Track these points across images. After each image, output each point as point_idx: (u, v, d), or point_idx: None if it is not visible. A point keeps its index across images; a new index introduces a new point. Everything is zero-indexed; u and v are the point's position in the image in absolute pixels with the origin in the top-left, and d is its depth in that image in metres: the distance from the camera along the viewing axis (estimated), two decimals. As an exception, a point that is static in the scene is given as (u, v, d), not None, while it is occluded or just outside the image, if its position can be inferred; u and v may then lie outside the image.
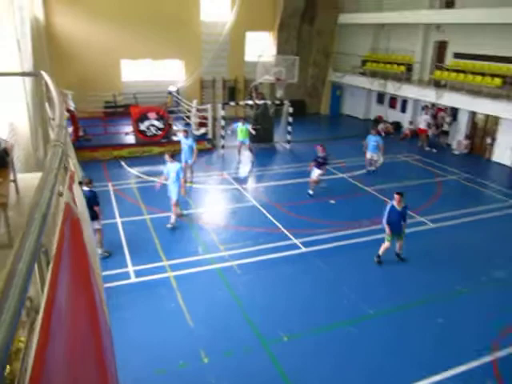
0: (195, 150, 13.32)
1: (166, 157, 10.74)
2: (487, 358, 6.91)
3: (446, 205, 13.09)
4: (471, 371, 6.65)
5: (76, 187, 2.01)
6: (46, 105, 4.46)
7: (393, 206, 9.31)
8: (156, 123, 17.23)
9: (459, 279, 9.19)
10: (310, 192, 13.33)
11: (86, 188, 8.73)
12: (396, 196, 9.32)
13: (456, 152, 19.37)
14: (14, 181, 3.82)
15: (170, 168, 10.67)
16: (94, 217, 8.81)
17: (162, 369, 6.48)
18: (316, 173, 13.00)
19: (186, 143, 13.40)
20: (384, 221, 9.37)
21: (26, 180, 4.12)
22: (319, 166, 12.94)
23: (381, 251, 9.58)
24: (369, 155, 15.52)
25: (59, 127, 2.02)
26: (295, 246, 10.27)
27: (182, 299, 8.17)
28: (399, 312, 8.07)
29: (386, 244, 9.52)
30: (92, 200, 8.74)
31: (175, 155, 11.04)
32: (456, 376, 6.54)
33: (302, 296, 8.46)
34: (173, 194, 10.80)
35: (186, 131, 13.98)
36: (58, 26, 20.69)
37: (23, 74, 7.35)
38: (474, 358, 6.89)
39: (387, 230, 9.37)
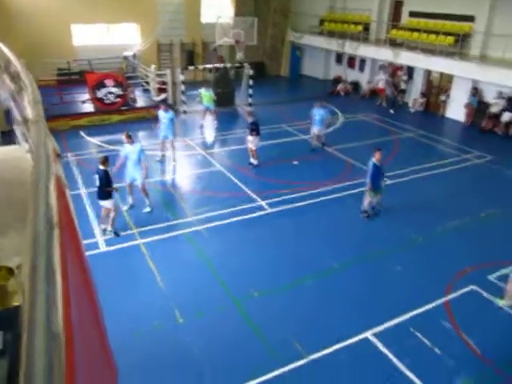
0: (176, 123, 12.72)
1: (124, 137, 9.91)
2: (441, 300, 7.56)
3: (403, 161, 13.66)
4: (427, 313, 7.28)
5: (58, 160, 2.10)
6: (5, 77, 4.37)
7: (374, 164, 9.72)
8: (114, 90, 16.79)
9: (416, 230, 9.80)
10: (252, 161, 12.88)
11: (101, 167, 8.71)
12: (376, 152, 9.74)
13: (412, 110, 19.97)
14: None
15: (129, 150, 9.80)
16: (106, 196, 8.89)
17: (137, 330, 6.71)
18: (250, 142, 12.58)
19: (165, 117, 12.61)
20: (368, 177, 9.81)
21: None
22: (251, 133, 12.46)
23: (365, 206, 10.16)
24: (315, 130, 14.17)
25: (35, 102, 2.10)
26: (261, 207, 10.57)
27: (153, 265, 8.35)
28: (361, 263, 8.59)
29: (369, 199, 10.08)
30: (104, 179, 8.73)
31: (132, 135, 10.18)
32: (413, 318, 7.14)
33: (270, 254, 8.83)
34: (137, 178, 9.91)
35: (165, 104, 13.45)
36: (1, -11, 19.42)
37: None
38: (430, 301, 7.52)
39: (369, 185, 9.85)
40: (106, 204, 9.04)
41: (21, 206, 3.26)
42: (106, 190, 8.84)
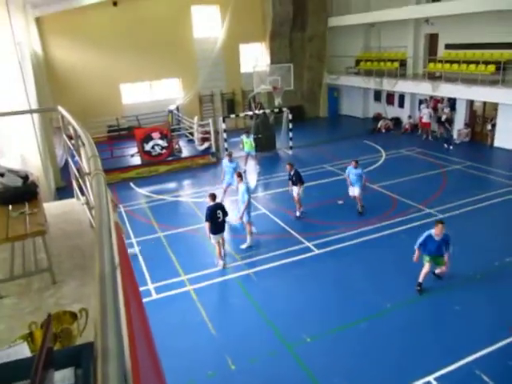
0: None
1: (235, 177, 11.07)
2: (507, 340, 7.06)
3: (452, 195, 13.25)
4: (492, 354, 6.80)
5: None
6: (64, 137, 4.74)
7: (430, 235, 8.13)
8: (160, 142, 17.58)
9: (473, 266, 9.33)
10: (298, 214, 12.47)
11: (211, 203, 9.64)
12: (438, 225, 8.06)
13: (457, 141, 19.54)
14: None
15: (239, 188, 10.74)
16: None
17: (191, 379, 6.68)
18: (294, 191, 12.35)
19: (229, 166, 13.38)
20: (416, 245, 8.33)
21: (51, 209, 4.40)
22: (294, 183, 12.29)
23: (421, 278, 8.48)
24: (351, 191, 12.37)
25: (94, 156, 2.28)
26: (308, 249, 10.48)
27: (203, 310, 8.39)
28: (415, 303, 8.23)
29: (426, 268, 8.41)
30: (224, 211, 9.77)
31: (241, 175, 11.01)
32: (478, 359, 6.69)
33: (319, 297, 8.65)
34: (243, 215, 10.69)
35: (230, 155, 14.01)
36: (56, 57, 21.26)
37: (42, 110, 7.67)
38: (494, 341, 7.04)
39: (416, 253, 8.33)
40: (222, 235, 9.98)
41: (80, 255, 3.46)
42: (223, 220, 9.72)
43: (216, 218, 9.45)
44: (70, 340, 1.91)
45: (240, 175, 10.81)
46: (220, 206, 9.63)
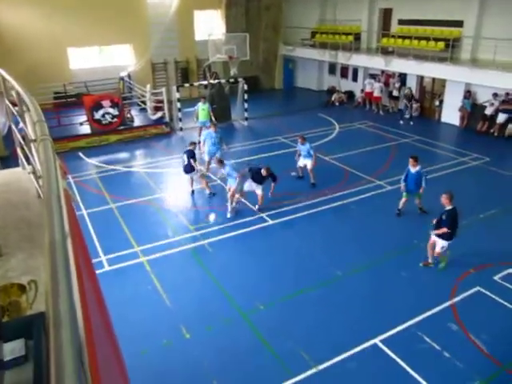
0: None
1: (216, 163, 11.52)
2: (448, 303, 7.55)
3: (401, 167, 13.71)
4: (434, 317, 7.26)
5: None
6: (7, 102, 4.46)
7: (408, 169, 10.39)
8: (111, 110, 16.93)
9: (417, 234, 9.81)
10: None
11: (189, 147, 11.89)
12: (410, 160, 10.35)
13: (407, 116, 20.14)
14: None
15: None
16: (192, 170, 11.76)
17: (145, 349, 6.70)
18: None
19: (215, 137, 13.28)
20: (402, 180, 10.49)
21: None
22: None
23: (400, 205, 10.68)
24: (301, 162, 12.83)
25: (40, 122, 2.16)
26: (262, 220, 10.61)
27: (157, 281, 8.36)
28: (364, 271, 8.60)
29: (403, 199, 10.60)
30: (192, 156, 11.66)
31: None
32: (421, 322, 7.13)
33: (273, 266, 8.84)
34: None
35: (215, 125, 13.78)
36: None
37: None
38: (436, 305, 7.51)
39: (402, 187, 10.47)
40: (193, 174, 11.96)
41: (27, 226, 3.32)
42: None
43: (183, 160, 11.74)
44: (19, 313, 1.85)
45: (221, 161, 11.14)
46: (188, 152, 11.68)
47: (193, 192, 12.27)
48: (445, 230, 8.14)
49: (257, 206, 11.17)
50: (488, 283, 8.03)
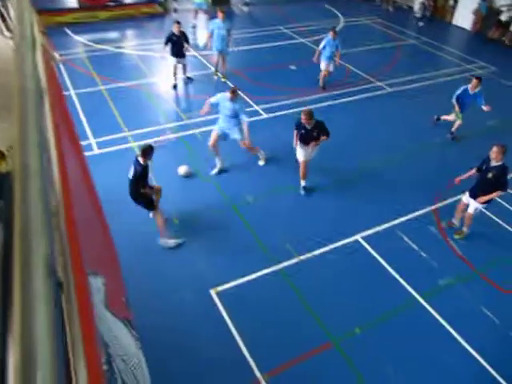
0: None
1: (229, 94, 7.81)
2: (430, 208, 7.75)
3: (404, 70, 13.20)
4: (415, 220, 7.49)
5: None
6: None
7: (466, 89, 9.21)
8: (99, -18, 15.50)
9: (413, 139, 9.74)
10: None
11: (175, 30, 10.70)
12: (474, 80, 9.10)
13: (418, 15, 18.89)
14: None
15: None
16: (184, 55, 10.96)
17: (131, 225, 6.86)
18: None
19: (222, 27, 11.33)
20: (454, 98, 9.37)
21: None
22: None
23: (454, 128, 9.71)
24: (324, 65, 11.34)
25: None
26: (256, 113, 10.35)
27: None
28: (356, 173, 8.64)
29: (458, 122, 9.56)
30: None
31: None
32: (402, 223, 7.36)
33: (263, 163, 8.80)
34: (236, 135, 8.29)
35: (223, 11, 11.47)
36: None
37: None
38: (419, 209, 7.70)
39: (456, 107, 9.39)
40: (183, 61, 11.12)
41: (5, 94, 3.11)
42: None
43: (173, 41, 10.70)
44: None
45: (234, 92, 7.80)
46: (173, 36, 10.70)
47: (188, 78, 11.66)
48: (497, 193, 6.50)
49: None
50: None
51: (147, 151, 6.17)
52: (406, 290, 6.17)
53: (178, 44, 10.80)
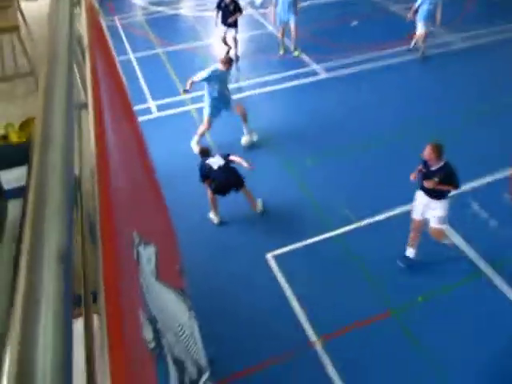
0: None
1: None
2: (506, 173, 7.15)
3: (475, 22, 12.04)
4: (489, 185, 6.95)
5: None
6: None
7: None
8: None
9: (482, 100, 8.98)
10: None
11: None
12: None
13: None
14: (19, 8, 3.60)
15: None
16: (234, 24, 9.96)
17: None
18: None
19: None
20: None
21: (28, 10, 3.89)
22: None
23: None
24: (422, 29, 9.83)
25: None
26: (315, 72, 9.95)
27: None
28: (422, 130, 8.12)
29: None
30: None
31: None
32: (474, 190, 6.86)
33: (328, 120, 8.47)
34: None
35: None
36: None
37: None
38: (493, 173, 7.13)
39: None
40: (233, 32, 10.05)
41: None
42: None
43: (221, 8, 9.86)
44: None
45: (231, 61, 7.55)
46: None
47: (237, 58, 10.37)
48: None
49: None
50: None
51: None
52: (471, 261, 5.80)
53: (226, 12, 9.88)
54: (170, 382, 1.41)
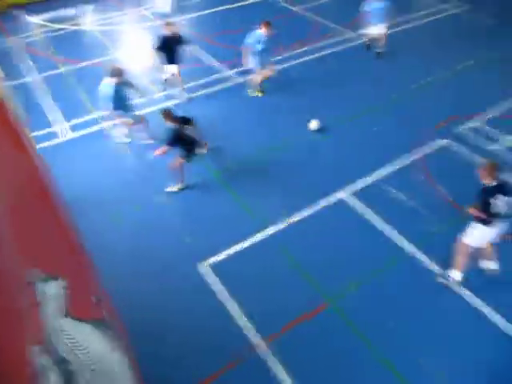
0: None
1: None
2: (416, 156, 7.61)
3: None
4: (403, 169, 7.35)
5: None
6: None
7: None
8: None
9: (390, 88, 9.50)
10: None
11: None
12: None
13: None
14: None
15: None
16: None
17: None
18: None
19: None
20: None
21: None
22: None
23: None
24: (375, 29, 10.32)
25: None
26: (228, 79, 10.00)
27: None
28: (338, 126, 8.41)
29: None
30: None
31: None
32: (389, 174, 7.23)
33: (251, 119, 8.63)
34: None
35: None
36: None
37: None
38: (405, 157, 7.56)
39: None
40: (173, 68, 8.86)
41: None
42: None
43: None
44: None
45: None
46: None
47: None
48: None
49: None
50: (457, 135, 8.05)
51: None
52: (394, 242, 6.09)
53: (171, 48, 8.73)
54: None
